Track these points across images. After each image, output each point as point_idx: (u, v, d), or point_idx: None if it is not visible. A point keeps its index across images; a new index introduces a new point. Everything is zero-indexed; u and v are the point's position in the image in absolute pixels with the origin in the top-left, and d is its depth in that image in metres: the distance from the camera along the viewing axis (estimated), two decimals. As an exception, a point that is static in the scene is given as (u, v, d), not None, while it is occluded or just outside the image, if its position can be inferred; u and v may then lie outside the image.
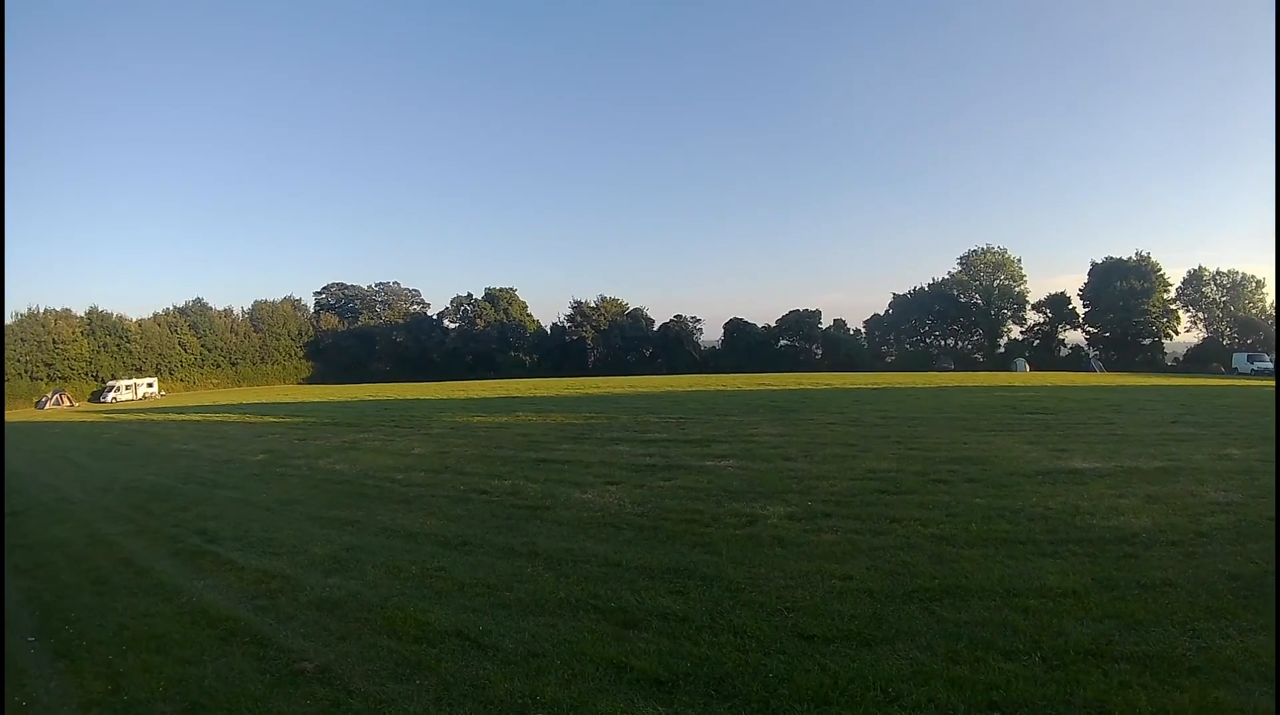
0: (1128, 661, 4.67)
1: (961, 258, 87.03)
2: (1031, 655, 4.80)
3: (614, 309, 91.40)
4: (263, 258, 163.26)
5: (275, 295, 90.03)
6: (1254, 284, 72.49)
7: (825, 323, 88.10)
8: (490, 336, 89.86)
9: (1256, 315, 71.23)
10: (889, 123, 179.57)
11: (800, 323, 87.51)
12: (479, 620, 5.67)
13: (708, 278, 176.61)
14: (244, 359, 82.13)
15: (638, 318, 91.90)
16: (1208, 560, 6.73)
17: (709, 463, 12.96)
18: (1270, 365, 58.05)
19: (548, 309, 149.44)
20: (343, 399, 39.42)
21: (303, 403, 37.56)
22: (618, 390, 38.24)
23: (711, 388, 38.46)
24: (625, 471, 12.34)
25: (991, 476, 10.97)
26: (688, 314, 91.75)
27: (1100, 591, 5.97)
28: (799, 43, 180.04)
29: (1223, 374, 58.10)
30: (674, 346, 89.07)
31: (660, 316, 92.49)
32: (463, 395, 38.07)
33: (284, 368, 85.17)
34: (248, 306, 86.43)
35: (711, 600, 6.01)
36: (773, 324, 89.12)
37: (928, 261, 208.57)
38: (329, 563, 7.60)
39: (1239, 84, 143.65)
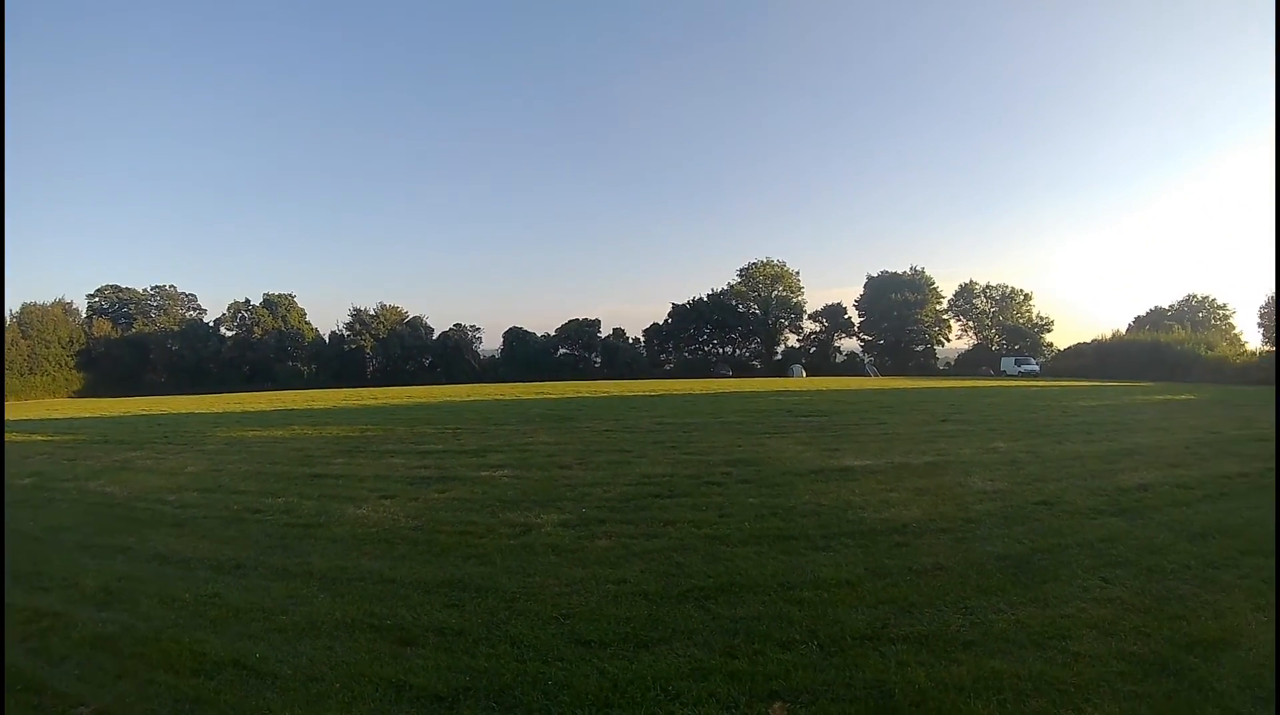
0: (904, 642, 5.08)
1: (741, 270, 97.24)
2: (809, 644, 5.07)
3: (393, 317, 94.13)
4: (29, 252, 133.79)
5: (45, 297, 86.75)
6: (1022, 297, 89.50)
7: (605, 332, 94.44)
8: (268, 345, 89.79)
9: (1023, 324, 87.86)
10: (672, 136, 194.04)
11: (580, 332, 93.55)
12: (256, 647, 5.71)
13: (488, 286, 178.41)
14: (11, 369, 78.24)
15: (417, 326, 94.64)
16: (977, 544, 7.66)
17: (484, 473, 13.05)
18: (1036, 367, 71.07)
19: (327, 317, 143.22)
20: (116, 414, 36.88)
21: (73, 419, 34.44)
22: (395, 401, 38.28)
23: (490, 397, 38.84)
24: (400, 485, 12.32)
25: (765, 477, 11.78)
26: (467, 323, 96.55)
27: (874, 579, 6.50)
28: (586, 51, 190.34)
29: (991, 376, 70.28)
30: (453, 356, 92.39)
31: (440, 325, 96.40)
32: (239, 408, 36.93)
33: (54, 379, 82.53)
34: (15, 309, 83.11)
35: (488, 611, 6.12)
36: (552, 333, 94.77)
37: (708, 273, 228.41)
38: (101, 595, 7.38)
39: (1013, 107, 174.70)
